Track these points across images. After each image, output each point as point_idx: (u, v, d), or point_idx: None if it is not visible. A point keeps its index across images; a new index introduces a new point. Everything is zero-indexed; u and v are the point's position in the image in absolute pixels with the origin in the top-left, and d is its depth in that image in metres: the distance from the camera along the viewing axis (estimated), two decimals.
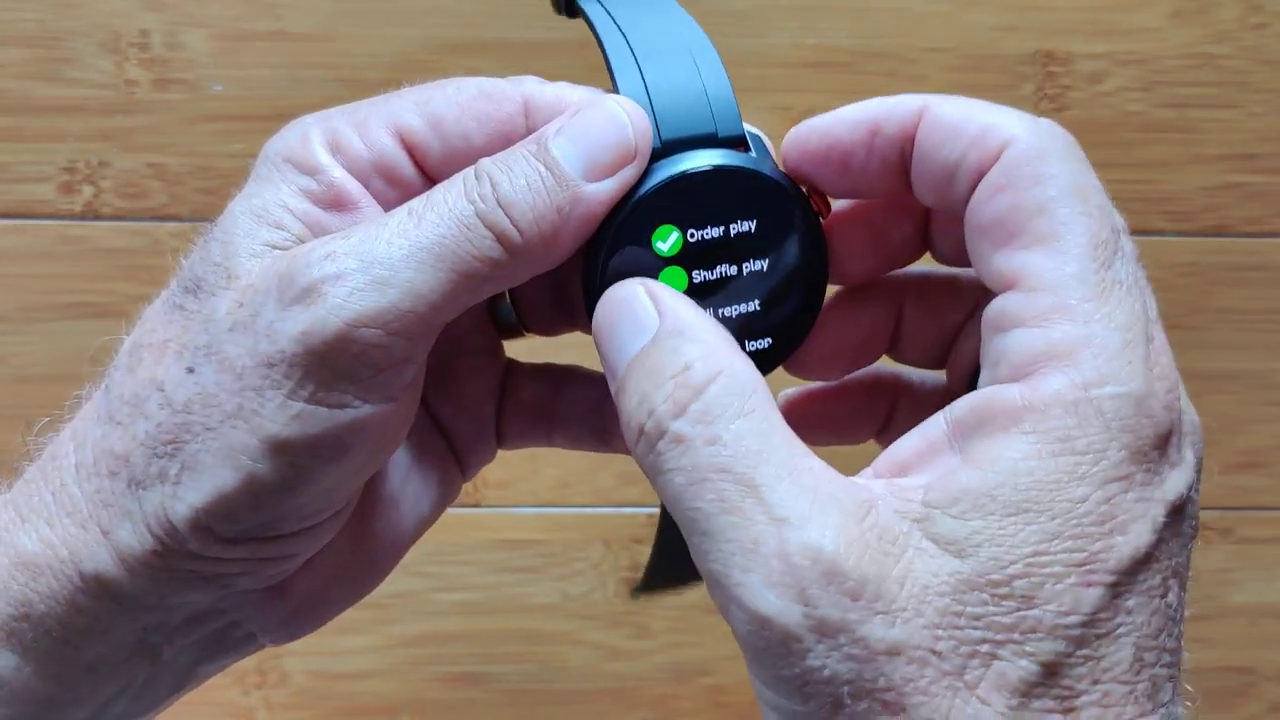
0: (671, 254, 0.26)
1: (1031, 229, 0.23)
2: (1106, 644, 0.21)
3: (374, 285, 0.24)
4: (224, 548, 0.25)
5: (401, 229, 0.24)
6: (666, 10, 0.28)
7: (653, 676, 0.65)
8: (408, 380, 0.25)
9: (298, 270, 0.24)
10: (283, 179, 0.26)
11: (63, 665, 0.26)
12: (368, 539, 0.28)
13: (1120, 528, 0.21)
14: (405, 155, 0.26)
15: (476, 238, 0.24)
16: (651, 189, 0.26)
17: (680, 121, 0.26)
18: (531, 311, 0.30)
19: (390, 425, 0.25)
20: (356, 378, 0.24)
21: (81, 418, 0.27)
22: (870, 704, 0.21)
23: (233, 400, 0.24)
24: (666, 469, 0.23)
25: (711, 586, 0.22)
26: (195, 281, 0.25)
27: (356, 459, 0.25)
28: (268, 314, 0.24)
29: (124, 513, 0.25)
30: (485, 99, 0.26)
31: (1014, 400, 0.22)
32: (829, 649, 0.21)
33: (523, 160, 0.25)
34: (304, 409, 0.24)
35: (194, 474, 0.24)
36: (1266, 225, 0.65)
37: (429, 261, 0.24)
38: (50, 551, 0.25)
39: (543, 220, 0.24)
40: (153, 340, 0.26)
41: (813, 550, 0.21)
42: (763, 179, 0.26)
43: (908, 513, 0.22)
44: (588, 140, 0.25)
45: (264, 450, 0.24)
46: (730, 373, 0.23)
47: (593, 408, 0.30)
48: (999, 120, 0.25)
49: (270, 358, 0.24)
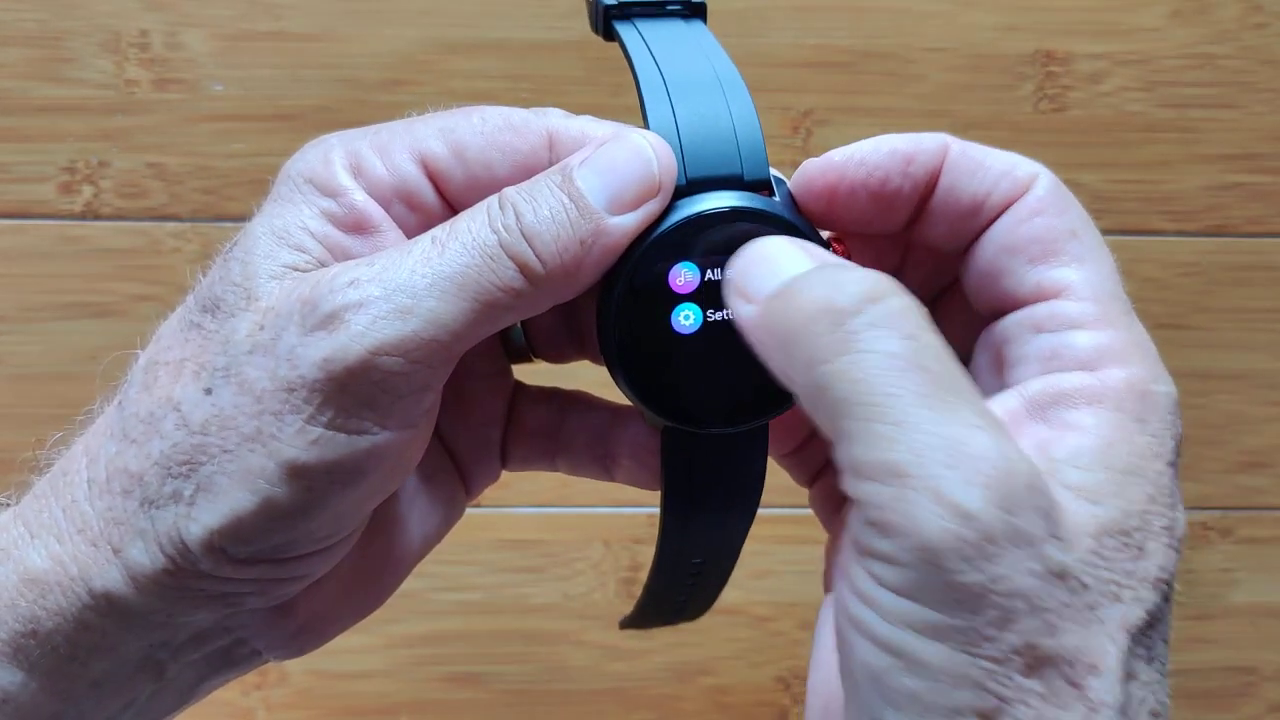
0: (688, 291, 0.26)
1: (1068, 250, 0.26)
2: (1168, 609, 0.23)
3: (397, 313, 0.24)
4: (236, 568, 0.25)
5: (425, 257, 0.24)
6: (702, 43, 0.28)
7: (654, 676, 0.65)
8: (427, 407, 0.25)
9: (321, 296, 0.24)
10: (304, 200, 0.26)
11: (69, 682, 0.26)
12: (373, 558, 0.29)
13: (1178, 505, 0.24)
14: (427, 181, 0.26)
15: (500, 268, 0.24)
16: (672, 226, 0.26)
17: (707, 161, 0.26)
18: (542, 338, 0.30)
19: (407, 451, 0.26)
20: (377, 405, 0.24)
21: (94, 433, 0.27)
22: (1037, 623, 0.21)
23: (251, 423, 0.24)
24: (860, 348, 0.22)
25: (888, 476, 0.21)
26: (214, 301, 0.25)
27: (373, 484, 0.25)
28: (289, 339, 0.24)
29: (136, 531, 0.25)
30: (510, 130, 0.26)
31: (1091, 384, 0.24)
32: (1019, 559, 0.21)
33: (547, 190, 0.25)
34: (323, 434, 0.24)
35: (209, 495, 0.24)
36: (1267, 225, 0.65)
37: (452, 291, 0.24)
38: (60, 568, 0.25)
39: (566, 252, 0.24)
40: (169, 358, 0.25)
41: (1016, 462, 0.21)
42: (783, 223, 0.26)
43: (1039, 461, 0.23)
44: (613, 173, 0.25)
45: (281, 474, 0.24)
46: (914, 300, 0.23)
47: (597, 435, 0.30)
48: (1019, 159, 0.27)
49: (290, 382, 0.24)
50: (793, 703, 0.66)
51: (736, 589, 0.65)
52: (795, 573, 0.65)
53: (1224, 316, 0.65)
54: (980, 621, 0.21)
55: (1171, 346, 0.26)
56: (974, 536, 0.21)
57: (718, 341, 0.26)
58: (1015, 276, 0.26)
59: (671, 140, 0.26)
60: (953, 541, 0.21)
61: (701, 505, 0.29)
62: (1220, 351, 0.65)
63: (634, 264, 0.26)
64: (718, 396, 0.27)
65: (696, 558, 0.30)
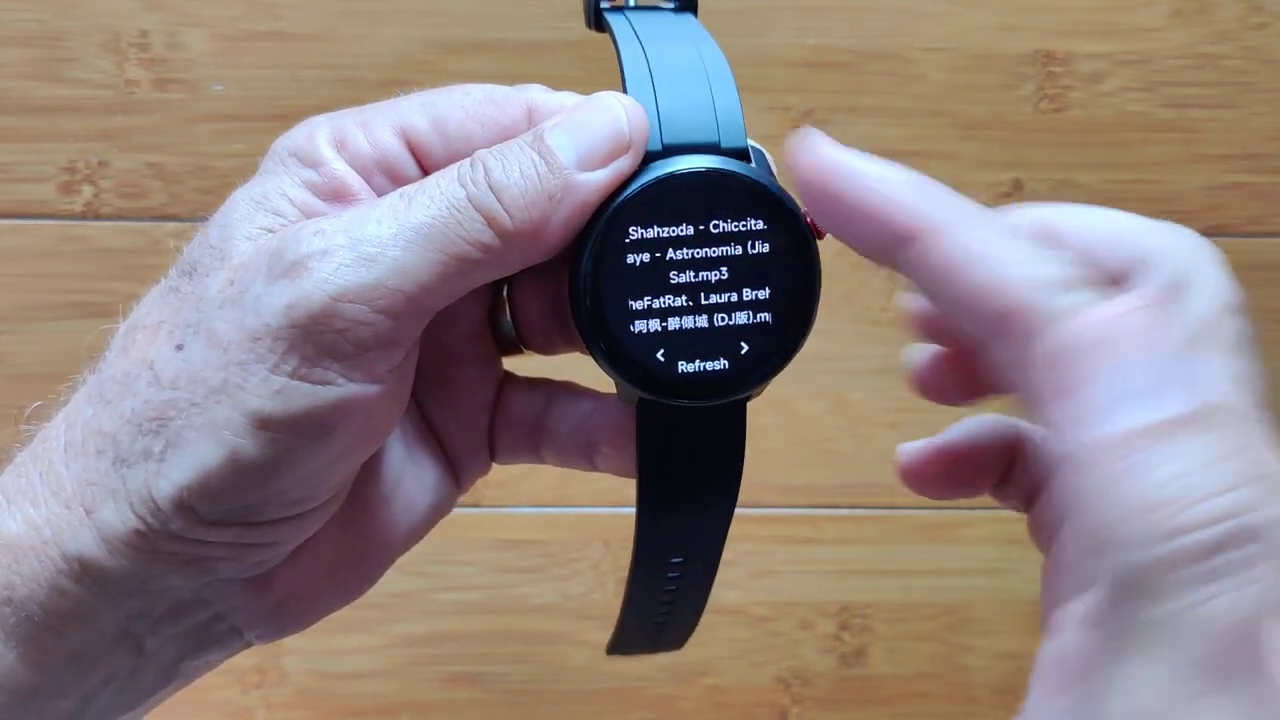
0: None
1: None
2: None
3: (361, 261, 0.24)
4: (207, 530, 0.25)
5: (392, 209, 0.24)
6: (690, 32, 0.28)
7: (653, 676, 0.65)
8: (395, 363, 0.25)
9: (286, 246, 0.24)
10: (285, 171, 0.26)
11: (45, 652, 0.26)
12: (356, 539, 0.28)
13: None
14: (409, 155, 0.26)
15: (467, 220, 0.24)
16: (641, 186, 0.26)
17: (683, 128, 0.26)
18: (530, 328, 0.30)
19: (376, 411, 0.25)
20: (341, 354, 0.24)
21: (74, 400, 0.27)
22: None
23: (218, 375, 0.24)
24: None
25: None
26: (191, 265, 0.26)
27: (341, 441, 0.25)
28: (255, 289, 0.24)
29: (108, 491, 0.25)
30: (490, 104, 0.26)
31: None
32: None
33: (518, 149, 0.25)
34: (287, 384, 0.24)
35: (178, 450, 0.24)
36: (1268, 225, 0.65)
37: (417, 241, 0.24)
38: (34, 533, 0.25)
39: (534, 206, 0.25)
40: (148, 322, 0.26)
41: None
42: (759, 188, 0.26)
43: None
44: (582, 131, 0.25)
45: (247, 425, 0.24)
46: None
47: (581, 424, 0.30)
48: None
49: (255, 331, 0.24)
50: (792, 702, 0.66)
51: (736, 589, 0.65)
52: (795, 573, 0.65)
53: None
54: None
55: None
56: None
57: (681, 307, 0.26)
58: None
59: (649, 107, 0.26)
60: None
61: (676, 486, 0.28)
62: None
63: (604, 224, 0.26)
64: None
65: (674, 554, 0.29)
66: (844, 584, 0.65)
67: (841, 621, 0.66)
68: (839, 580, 0.65)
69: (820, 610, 0.65)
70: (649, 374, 0.26)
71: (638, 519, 0.28)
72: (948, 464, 0.29)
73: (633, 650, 0.33)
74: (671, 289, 0.26)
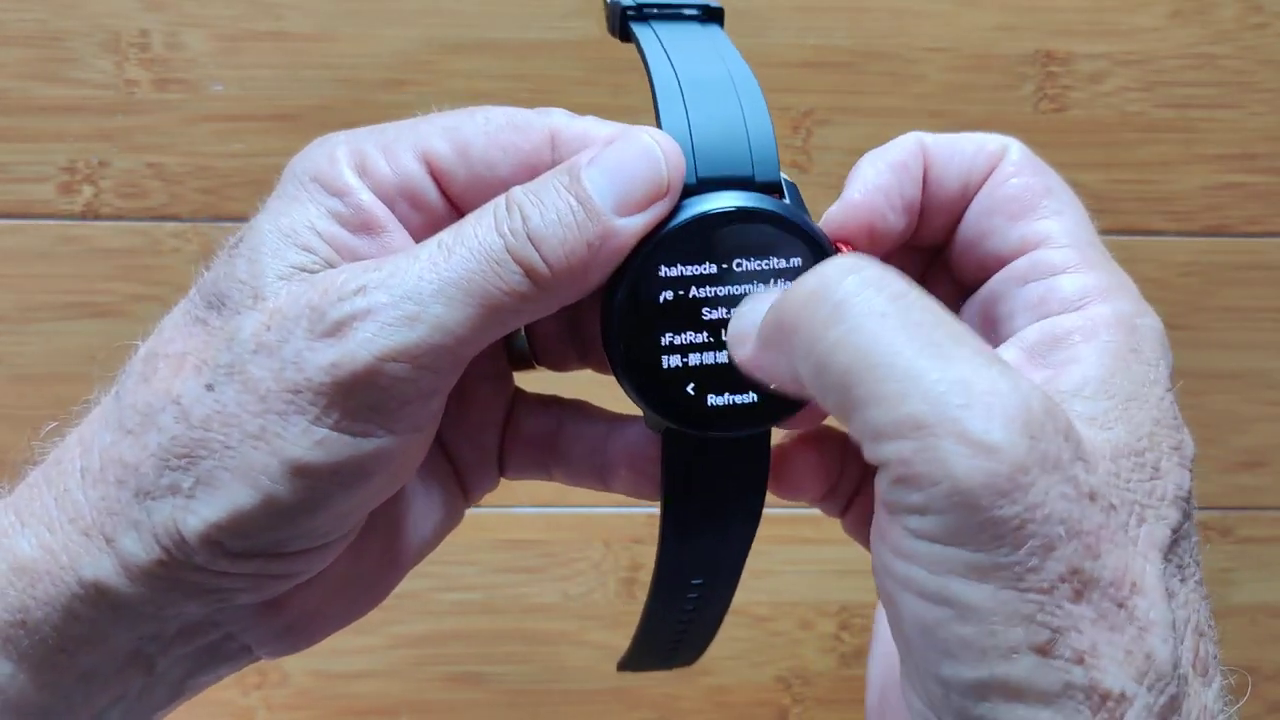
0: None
1: (1045, 204, 0.27)
2: (1191, 526, 0.24)
3: (404, 320, 0.24)
4: (231, 562, 0.25)
5: (432, 263, 0.24)
6: (717, 46, 0.28)
7: (653, 676, 0.65)
8: (433, 410, 0.25)
9: (329, 304, 0.24)
10: (310, 199, 0.26)
11: (58, 673, 0.26)
12: (367, 559, 0.28)
13: (1182, 428, 0.25)
14: (430, 181, 0.26)
15: (506, 273, 0.24)
16: (678, 225, 0.25)
17: (718, 161, 0.26)
18: (544, 344, 0.30)
19: (412, 453, 0.26)
20: (383, 409, 0.24)
21: (89, 422, 0.26)
22: (1078, 545, 0.21)
23: (255, 422, 0.24)
24: (852, 314, 0.22)
25: (907, 431, 0.21)
26: (219, 297, 0.25)
27: (377, 485, 0.25)
28: (296, 343, 0.24)
29: (130, 522, 0.25)
30: (513, 129, 0.26)
31: (1083, 322, 0.25)
32: (1050, 483, 0.21)
33: (553, 192, 0.25)
34: (328, 435, 0.24)
35: (209, 490, 0.24)
36: (1267, 225, 0.65)
37: (458, 297, 0.24)
38: (50, 557, 0.25)
39: (572, 255, 0.24)
40: (170, 351, 0.25)
41: (1029, 390, 0.21)
42: (791, 225, 0.26)
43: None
44: (620, 173, 0.25)
45: (285, 473, 0.24)
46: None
47: (594, 445, 0.30)
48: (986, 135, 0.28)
49: (296, 385, 0.24)
50: (792, 702, 0.66)
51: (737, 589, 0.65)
52: (795, 573, 0.65)
53: (1223, 316, 0.65)
54: (1023, 554, 0.21)
55: (1171, 346, 0.26)
56: (1004, 469, 0.20)
57: (714, 341, 0.26)
58: (998, 235, 0.27)
59: (684, 139, 0.26)
60: (984, 478, 0.20)
61: (701, 513, 0.28)
62: (1219, 351, 0.65)
63: (640, 263, 0.25)
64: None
65: (696, 576, 0.29)
66: (844, 584, 0.65)
67: (842, 621, 0.66)
68: (839, 580, 0.65)
69: (820, 610, 0.65)
70: (680, 408, 0.27)
71: (661, 541, 0.29)
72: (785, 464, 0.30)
73: (646, 667, 0.33)
74: (696, 325, 0.26)
